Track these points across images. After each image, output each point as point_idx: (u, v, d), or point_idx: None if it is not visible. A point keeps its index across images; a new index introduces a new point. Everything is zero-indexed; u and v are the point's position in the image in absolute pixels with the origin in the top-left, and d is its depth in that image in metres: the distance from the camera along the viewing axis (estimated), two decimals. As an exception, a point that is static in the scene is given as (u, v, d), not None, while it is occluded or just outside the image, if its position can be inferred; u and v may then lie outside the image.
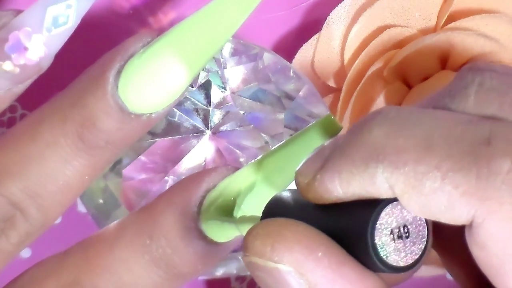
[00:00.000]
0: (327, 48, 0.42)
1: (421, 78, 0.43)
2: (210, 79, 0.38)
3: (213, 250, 0.27)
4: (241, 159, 0.39)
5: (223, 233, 0.27)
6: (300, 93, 0.39)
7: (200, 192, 0.27)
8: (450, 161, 0.22)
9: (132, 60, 0.27)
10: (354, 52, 0.43)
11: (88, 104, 0.27)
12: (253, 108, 0.39)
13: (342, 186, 0.23)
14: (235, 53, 0.38)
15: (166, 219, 0.27)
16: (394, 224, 0.23)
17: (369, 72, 0.42)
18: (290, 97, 0.39)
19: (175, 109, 0.38)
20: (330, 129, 0.26)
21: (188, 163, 0.39)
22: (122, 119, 0.27)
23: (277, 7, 0.43)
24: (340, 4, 0.42)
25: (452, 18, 0.42)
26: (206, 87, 0.39)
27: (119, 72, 0.27)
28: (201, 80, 0.38)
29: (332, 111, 0.43)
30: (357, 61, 0.42)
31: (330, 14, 0.42)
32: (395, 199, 0.23)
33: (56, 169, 0.27)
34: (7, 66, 0.27)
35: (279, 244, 0.23)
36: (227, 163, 0.39)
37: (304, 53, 0.43)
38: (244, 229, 0.26)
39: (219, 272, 0.40)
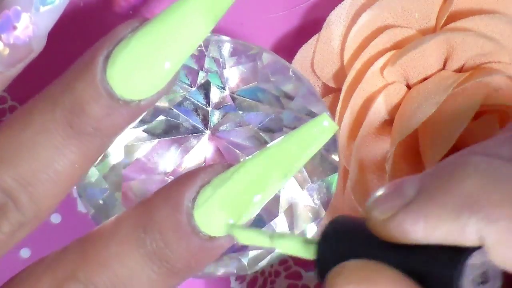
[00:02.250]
0: (327, 48, 0.42)
1: (420, 79, 0.43)
2: (209, 79, 0.38)
3: (207, 247, 0.27)
4: (241, 159, 0.39)
5: (251, 240, 0.27)
6: (299, 92, 0.39)
7: (194, 187, 0.27)
8: None
9: (120, 45, 0.27)
10: (354, 52, 0.43)
11: (77, 89, 0.27)
12: (252, 107, 0.39)
13: (426, 230, 0.24)
14: (234, 53, 0.38)
15: (161, 213, 0.27)
16: (477, 271, 0.24)
17: (369, 72, 0.42)
18: (289, 97, 0.39)
19: (174, 109, 0.38)
20: (326, 128, 0.26)
21: (188, 163, 0.39)
22: (111, 104, 0.27)
23: (277, 7, 0.43)
24: (339, 5, 0.42)
25: (452, 18, 0.42)
26: (205, 87, 0.39)
27: (107, 58, 0.27)
28: (200, 80, 0.38)
29: (332, 111, 0.43)
30: (356, 62, 0.42)
31: (330, 14, 0.42)
32: (478, 247, 0.24)
33: (46, 156, 0.27)
34: None
35: None
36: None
37: (304, 53, 0.43)
38: (280, 245, 0.26)
39: (220, 272, 0.40)
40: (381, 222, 0.25)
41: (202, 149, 0.39)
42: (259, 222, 0.39)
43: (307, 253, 0.26)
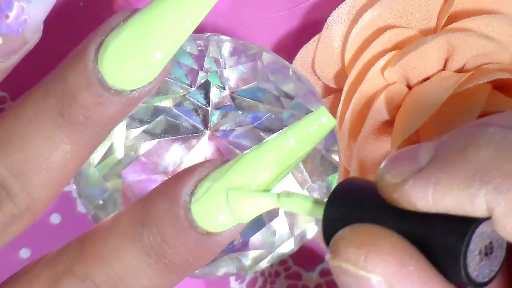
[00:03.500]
0: (328, 49, 0.42)
1: (421, 79, 0.43)
2: (209, 79, 0.38)
3: (204, 242, 0.27)
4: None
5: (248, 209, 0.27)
6: (299, 92, 0.39)
7: (192, 181, 0.27)
8: None
9: (111, 34, 0.27)
10: (355, 53, 0.43)
11: (68, 78, 0.27)
12: (252, 107, 0.39)
13: (434, 198, 0.24)
14: (234, 53, 0.38)
15: (158, 208, 0.27)
16: (482, 242, 0.24)
17: (370, 73, 0.42)
18: (289, 97, 0.39)
19: (174, 109, 0.38)
20: (324, 122, 0.26)
21: (188, 163, 0.39)
22: (102, 93, 0.27)
23: (277, 7, 0.43)
24: (340, 5, 0.42)
25: (453, 18, 0.42)
26: (205, 87, 0.39)
27: (99, 47, 0.27)
28: (200, 80, 0.38)
29: (332, 111, 0.43)
30: (357, 62, 0.42)
31: (331, 15, 0.42)
32: (486, 218, 0.24)
33: (38, 146, 0.27)
34: None
35: (374, 254, 0.24)
36: (226, 163, 0.39)
37: (305, 53, 0.43)
38: (288, 204, 0.26)
39: (220, 272, 0.40)
40: (392, 186, 0.25)
41: (202, 149, 0.39)
42: (259, 222, 0.39)
43: (316, 213, 0.26)
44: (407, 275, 0.24)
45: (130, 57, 0.27)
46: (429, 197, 0.24)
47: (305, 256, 0.46)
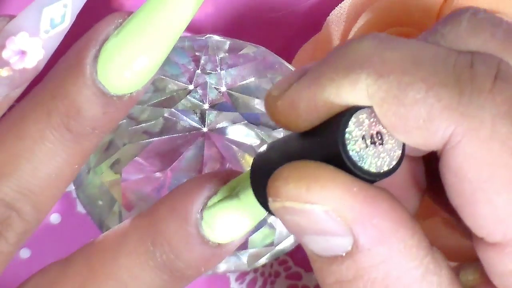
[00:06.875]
0: (327, 48, 0.43)
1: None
2: (207, 78, 0.39)
3: (216, 253, 0.27)
4: (239, 156, 0.39)
5: (229, 225, 0.27)
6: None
7: (201, 199, 0.27)
8: (436, 77, 0.22)
9: (107, 43, 0.27)
10: (355, 52, 0.43)
11: (70, 93, 0.27)
12: (249, 105, 0.39)
13: (316, 92, 0.23)
14: (232, 52, 0.38)
15: (169, 226, 0.27)
16: (366, 130, 0.23)
17: (370, 72, 0.42)
18: (287, 95, 0.39)
19: (172, 109, 0.39)
20: None
21: (186, 162, 0.39)
22: (106, 103, 0.27)
23: (277, 7, 0.43)
24: (340, 5, 0.42)
25: (453, 18, 0.42)
26: (203, 86, 0.39)
27: (95, 57, 0.27)
28: (198, 79, 0.39)
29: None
30: (357, 62, 0.42)
31: (330, 14, 0.42)
32: (368, 106, 0.23)
33: (47, 163, 0.27)
34: (5, 72, 0.27)
35: (315, 184, 0.23)
36: (224, 161, 0.39)
37: (304, 53, 0.43)
38: (245, 198, 0.26)
39: (220, 270, 0.40)
40: (277, 96, 0.24)
41: (200, 147, 0.39)
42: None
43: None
44: (353, 197, 0.23)
45: (132, 66, 0.27)
46: (311, 93, 0.23)
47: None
